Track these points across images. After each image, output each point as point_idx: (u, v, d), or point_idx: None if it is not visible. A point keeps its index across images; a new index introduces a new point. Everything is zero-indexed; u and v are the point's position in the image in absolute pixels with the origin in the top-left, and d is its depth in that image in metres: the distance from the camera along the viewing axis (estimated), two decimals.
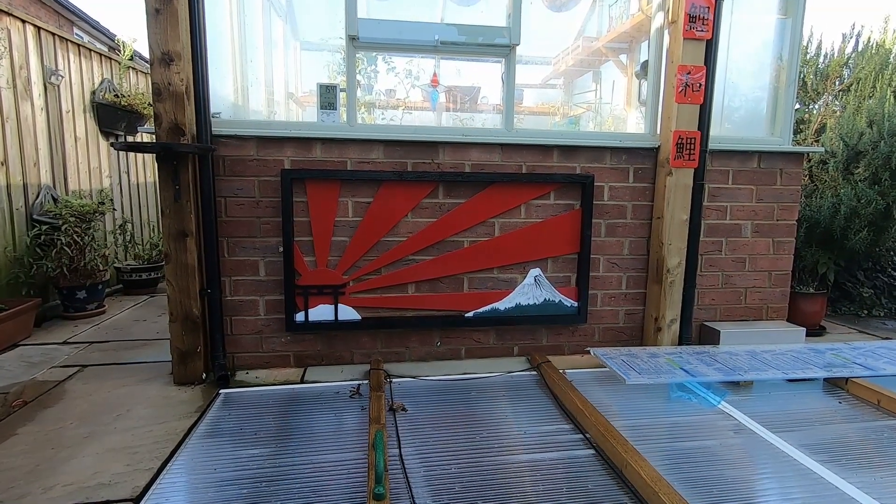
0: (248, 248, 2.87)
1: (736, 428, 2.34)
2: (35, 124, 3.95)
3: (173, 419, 2.35)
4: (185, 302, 2.70)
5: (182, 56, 2.54)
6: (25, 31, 3.86)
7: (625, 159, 3.14)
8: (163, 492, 1.83)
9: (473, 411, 2.48)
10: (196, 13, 2.57)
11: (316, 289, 2.92)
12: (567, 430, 2.30)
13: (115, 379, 2.80)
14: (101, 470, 1.94)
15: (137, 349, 3.30)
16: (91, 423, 2.30)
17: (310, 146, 2.84)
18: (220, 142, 2.76)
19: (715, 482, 1.92)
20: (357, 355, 3.05)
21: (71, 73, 4.39)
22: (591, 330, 3.26)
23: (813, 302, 3.69)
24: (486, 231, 3.06)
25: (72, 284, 3.89)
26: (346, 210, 2.91)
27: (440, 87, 4.22)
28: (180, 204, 2.62)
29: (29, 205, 3.87)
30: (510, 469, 1.99)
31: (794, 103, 3.36)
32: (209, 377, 2.81)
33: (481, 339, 3.16)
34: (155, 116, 2.57)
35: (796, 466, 2.03)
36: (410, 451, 2.09)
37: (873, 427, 2.37)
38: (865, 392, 2.64)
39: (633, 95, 4.06)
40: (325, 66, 4.45)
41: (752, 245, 3.35)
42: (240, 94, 3.59)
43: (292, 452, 2.09)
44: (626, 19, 3.97)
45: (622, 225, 3.20)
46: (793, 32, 3.28)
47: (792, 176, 3.33)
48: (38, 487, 1.83)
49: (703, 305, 3.34)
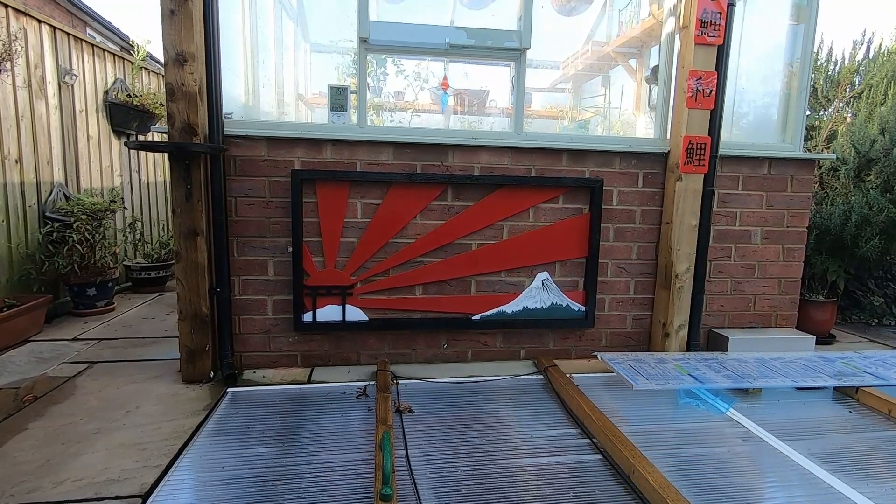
0: (257, 247, 2.88)
1: (744, 435, 2.33)
2: (49, 123, 3.99)
3: (181, 417, 2.37)
4: (195, 300, 2.72)
5: (196, 57, 2.56)
6: (41, 30, 3.91)
7: (634, 164, 3.14)
8: (171, 489, 1.84)
9: (479, 414, 2.48)
10: (210, 15, 2.59)
11: (324, 289, 2.93)
12: (574, 434, 2.30)
13: (124, 376, 2.83)
14: (110, 466, 1.96)
15: (146, 346, 3.32)
16: (100, 419, 2.32)
17: (320, 147, 2.86)
18: (231, 142, 2.78)
19: (723, 490, 1.91)
20: (364, 356, 3.06)
21: (84, 72, 4.45)
22: (599, 334, 3.25)
23: (823, 310, 3.66)
24: (495, 234, 3.06)
25: (82, 281, 3.93)
26: (356, 211, 2.93)
27: (450, 89, 4.23)
28: (191, 203, 2.64)
29: (41, 202, 3.92)
30: (516, 472, 1.99)
31: (806, 109, 3.34)
32: (217, 376, 2.82)
33: (488, 341, 3.16)
34: (168, 116, 2.60)
35: (805, 475, 2.02)
36: (417, 453, 2.09)
37: (884, 437, 2.34)
38: (876, 401, 2.61)
39: (643, 100, 4.05)
40: (336, 68, 4.47)
41: (762, 251, 3.33)
42: (251, 95, 3.62)
43: (299, 452, 2.10)
44: (636, 24, 3.96)
45: (631, 229, 3.19)
46: (805, 38, 3.27)
47: (803, 182, 3.31)
48: (49, 482, 1.85)
49: (711, 311, 3.33)
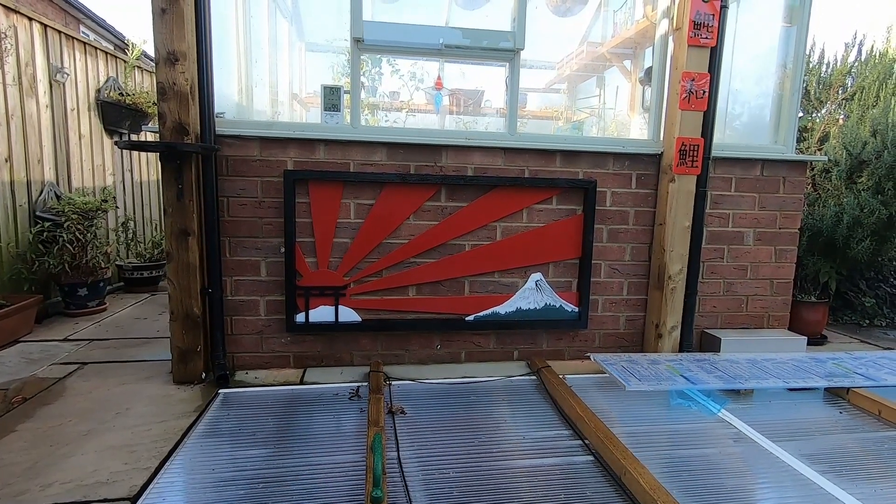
0: (249, 248, 2.87)
1: (736, 436, 2.33)
2: (40, 122, 3.96)
3: (172, 418, 2.35)
4: (186, 301, 2.70)
5: (187, 56, 2.55)
6: (32, 28, 3.87)
7: (627, 165, 3.14)
8: (160, 491, 1.83)
9: (473, 415, 2.47)
10: (202, 13, 2.58)
11: (317, 290, 2.92)
12: (566, 435, 2.30)
13: (115, 377, 2.80)
14: (99, 468, 1.94)
15: (138, 347, 3.30)
16: (90, 421, 2.30)
17: (313, 147, 2.85)
18: (223, 142, 2.77)
19: (714, 491, 1.92)
20: (357, 357, 3.05)
21: (76, 71, 4.41)
22: (592, 335, 3.25)
23: (815, 311, 3.68)
24: (488, 235, 3.06)
25: (73, 281, 3.90)
26: (349, 212, 2.92)
27: (444, 90, 4.23)
28: (183, 203, 2.63)
29: (32, 201, 3.89)
30: (508, 474, 1.99)
31: (798, 111, 3.36)
32: (209, 377, 2.81)
33: (481, 342, 3.16)
34: (159, 115, 2.58)
35: (796, 476, 2.03)
36: (409, 455, 2.09)
37: (874, 438, 2.36)
38: (867, 402, 2.63)
39: (637, 101, 4.06)
40: (330, 68, 4.46)
41: (755, 253, 3.34)
42: (244, 95, 3.60)
43: (290, 454, 2.09)
44: (630, 25, 3.97)
45: (624, 231, 3.20)
46: (797, 40, 3.28)
47: (795, 184, 3.33)
48: (37, 485, 1.83)
49: (704, 312, 3.34)
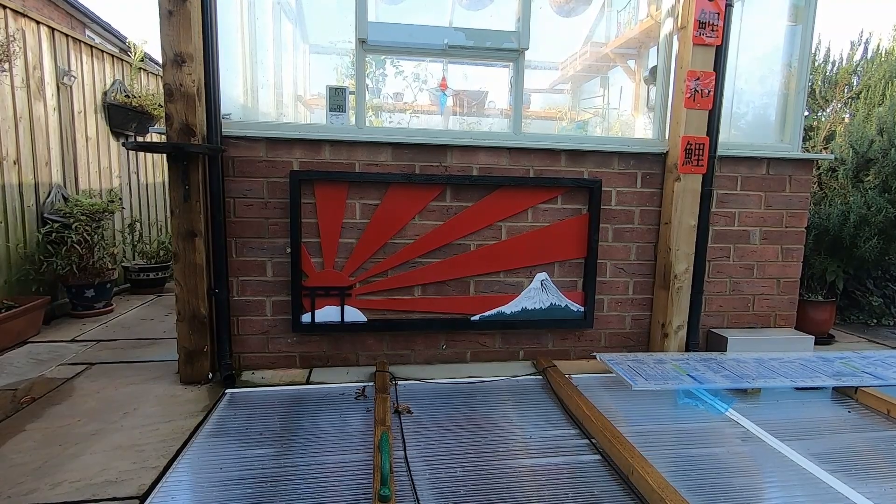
0: (255, 248, 2.88)
1: (743, 436, 2.32)
2: (47, 124, 3.99)
3: (179, 418, 2.36)
4: (193, 301, 2.71)
5: (194, 58, 2.56)
6: (40, 32, 3.91)
7: (633, 164, 3.14)
8: (168, 490, 1.84)
9: (478, 415, 2.47)
10: (208, 15, 2.59)
11: (322, 290, 2.93)
12: (572, 434, 2.29)
13: (122, 377, 2.82)
14: (108, 467, 1.95)
15: (144, 348, 3.31)
16: (98, 421, 2.31)
17: (318, 148, 2.86)
18: (229, 143, 2.78)
19: (722, 490, 1.91)
20: (363, 357, 3.06)
21: (83, 73, 4.44)
22: (598, 335, 3.25)
23: (822, 310, 3.66)
24: (493, 234, 3.06)
25: (80, 283, 3.92)
26: (354, 212, 2.92)
27: (448, 90, 4.24)
28: (189, 204, 2.64)
29: (40, 203, 3.91)
30: (515, 473, 1.98)
31: (804, 110, 3.35)
32: (215, 377, 2.82)
33: (487, 342, 3.16)
34: (166, 117, 2.59)
35: (804, 475, 2.01)
36: (415, 454, 2.09)
37: (883, 437, 2.34)
38: (875, 401, 2.61)
39: (642, 101, 4.05)
40: (334, 69, 4.47)
41: (761, 252, 3.33)
42: (249, 96, 3.62)
43: (297, 453, 2.09)
44: (634, 25, 3.96)
45: (629, 230, 3.19)
46: (803, 39, 3.27)
47: (801, 183, 3.31)
48: (46, 483, 1.84)
49: (710, 312, 3.33)
